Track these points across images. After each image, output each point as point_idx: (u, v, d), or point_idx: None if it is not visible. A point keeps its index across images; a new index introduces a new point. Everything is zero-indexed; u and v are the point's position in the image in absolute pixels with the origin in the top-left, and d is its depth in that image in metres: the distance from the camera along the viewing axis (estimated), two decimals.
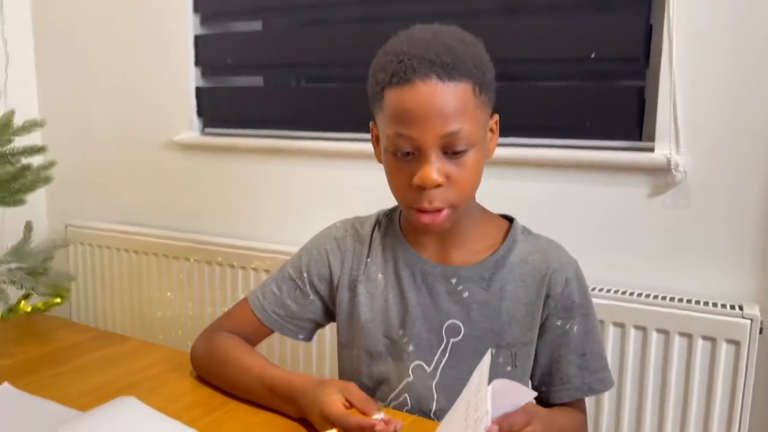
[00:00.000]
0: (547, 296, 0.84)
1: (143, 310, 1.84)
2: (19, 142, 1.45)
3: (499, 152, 1.27)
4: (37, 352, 1.07)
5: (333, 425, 0.72)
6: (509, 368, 0.85)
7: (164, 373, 0.97)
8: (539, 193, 1.36)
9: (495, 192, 1.08)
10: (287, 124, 1.69)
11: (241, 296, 0.98)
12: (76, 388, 0.91)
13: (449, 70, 0.74)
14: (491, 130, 0.84)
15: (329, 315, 0.95)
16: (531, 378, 0.89)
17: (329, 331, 1.27)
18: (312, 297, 0.93)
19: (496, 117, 0.84)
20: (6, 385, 0.90)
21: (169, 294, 1.81)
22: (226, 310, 1.00)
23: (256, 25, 1.80)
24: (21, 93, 1.99)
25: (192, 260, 1.74)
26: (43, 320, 1.26)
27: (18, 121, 1.41)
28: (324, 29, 1.66)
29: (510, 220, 0.91)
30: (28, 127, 1.40)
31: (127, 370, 0.99)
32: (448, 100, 0.73)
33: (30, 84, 2.05)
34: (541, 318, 0.85)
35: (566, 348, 0.86)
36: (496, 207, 0.93)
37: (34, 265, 1.34)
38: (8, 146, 1.37)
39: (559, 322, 0.85)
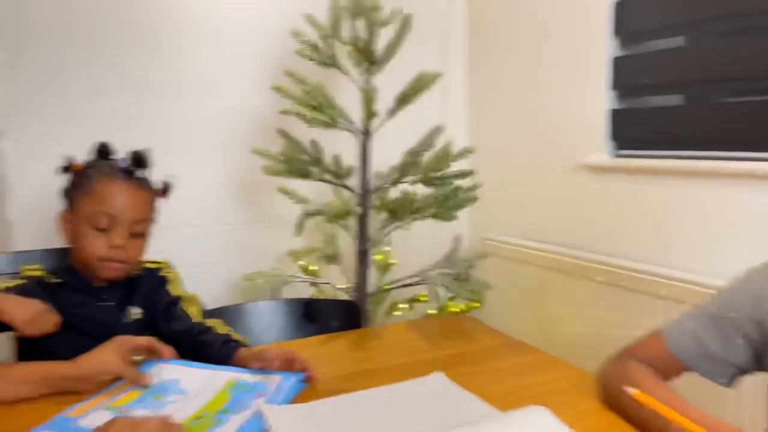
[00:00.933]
0: None
1: (546, 323, 1.94)
2: (453, 167, 1.69)
3: None
4: (461, 349, 1.24)
5: None
6: None
7: (570, 390, 1.01)
8: None
9: None
10: (709, 143, 1.56)
11: (645, 323, 0.95)
12: (493, 388, 1.03)
13: None
14: None
15: (759, 363, 0.85)
16: None
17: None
18: (738, 340, 0.84)
19: None
20: (439, 373, 1.07)
21: (571, 310, 1.86)
22: (629, 334, 0.99)
23: (678, 41, 1.71)
24: (456, 125, 2.32)
25: (596, 281, 1.75)
26: (465, 321, 1.45)
27: (448, 148, 1.65)
28: (755, 38, 1.48)
29: None
30: (462, 153, 1.64)
31: (536, 380, 1.07)
32: None
33: (463, 117, 2.36)
34: None
35: None
36: None
37: (460, 272, 1.55)
38: (446, 170, 1.63)
39: None
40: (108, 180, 1.17)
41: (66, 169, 1.21)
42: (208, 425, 0.88)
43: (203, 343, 1.10)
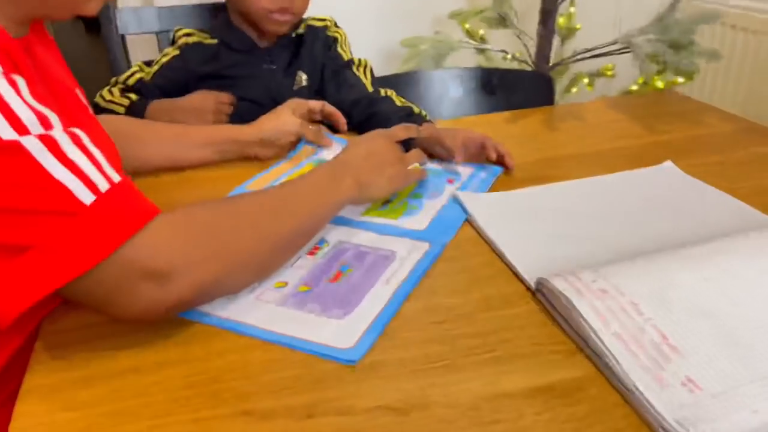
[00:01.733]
0: None
1: None
2: None
3: None
4: (687, 134, 1.00)
5: None
6: None
7: None
8: None
9: None
10: None
11: None
12: (741, 185, 0.80)
13: None
14: None
15: None
16: None
17: None
18: None
19: None
20: (669, 163, 0.86)
21: None
22: None
23: None
24: None
25: None
26: (683, 101, 1.18)
27: None
28: None
29: None
30: None
31: None
32: None
33: None
34: None
35: None
36: None
37: (677, 39, 1.24)
38: None
39: None
40: None
41: None
42: (401, 210, 0.76)
43: (379, 114, 0.95)
